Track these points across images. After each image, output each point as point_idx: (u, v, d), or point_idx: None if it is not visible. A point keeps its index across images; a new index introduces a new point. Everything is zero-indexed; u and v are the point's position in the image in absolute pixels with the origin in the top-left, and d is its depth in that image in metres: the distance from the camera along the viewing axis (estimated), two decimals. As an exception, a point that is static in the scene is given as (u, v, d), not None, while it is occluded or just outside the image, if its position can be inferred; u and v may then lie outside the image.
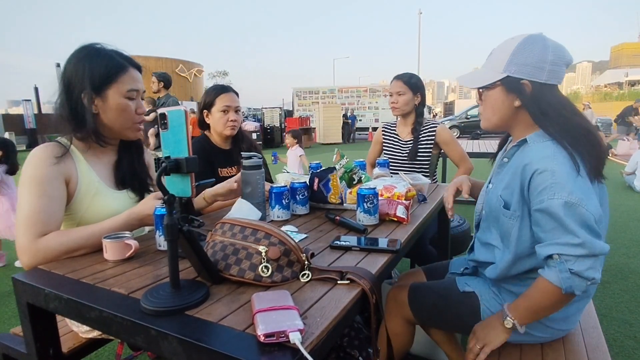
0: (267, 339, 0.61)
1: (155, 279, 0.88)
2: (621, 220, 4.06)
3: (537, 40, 1.04)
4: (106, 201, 1.19)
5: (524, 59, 1.04)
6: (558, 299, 0.97)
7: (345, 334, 1.63)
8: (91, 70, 1.12)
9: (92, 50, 1.16)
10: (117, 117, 1.17)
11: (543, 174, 0.98)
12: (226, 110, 1.87)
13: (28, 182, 1.06)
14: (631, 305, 2.30)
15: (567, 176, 0.96)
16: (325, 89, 20.39)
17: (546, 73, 1.03)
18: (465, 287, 1.22)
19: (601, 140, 1.06)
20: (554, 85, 1.05)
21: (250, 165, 1.29)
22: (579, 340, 1.16)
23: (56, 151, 1.12)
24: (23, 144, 17.28)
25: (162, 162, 0.74)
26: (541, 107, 1.05)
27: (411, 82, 2.27)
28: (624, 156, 8.52)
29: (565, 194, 0.94)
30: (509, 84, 1.07)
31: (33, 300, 0.89)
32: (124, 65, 1.17)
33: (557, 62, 1.03)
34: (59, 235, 1.04)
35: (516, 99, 1.07)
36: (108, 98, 1.14)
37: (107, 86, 1.14)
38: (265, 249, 0.83)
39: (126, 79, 1.16)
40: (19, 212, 1.04)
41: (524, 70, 1.04)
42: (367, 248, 1.04)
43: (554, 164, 0.98)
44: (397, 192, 1.43)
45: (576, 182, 0.96)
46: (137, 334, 0.72)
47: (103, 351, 1.90)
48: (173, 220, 0.73)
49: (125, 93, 1.16)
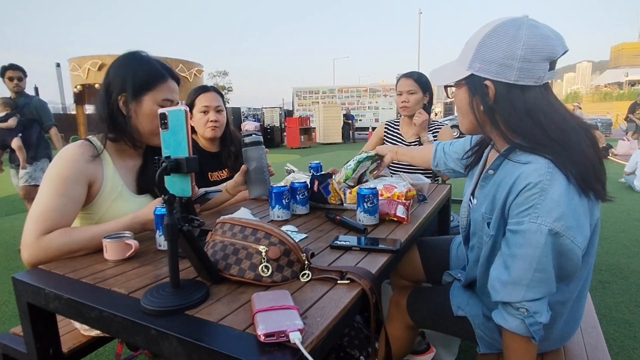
0: (267, 339, 0.61)
1: (155, 278, 0.88)
2: (621, 220, 4.06)
3: (508, 29, 0.85)
4: (126, 205, 1.20)
5: (489, 55, 0.86)
6: (533, 348, 0.91)
7: (346, 333, 1.63)
8: (134, 74, 1.18)
9: (138, 56, 1.22)
10: (148, 122, 1.21)
11: (532, 190, 0.83)
12: (206, 110, 1.83)
13: (53, 179, 1.08)
14: (631, 305, 2.30)
15: (560, 197, 0.81)
16: (325, 89, 20.39)
17: (515, 72, 0.85)
18: (458, 312, 1.16)
19: (599, 154, 0.90)
20: (528, 87, 0.87)
21: (251, 141, 1.35)
22: (578, 340, 1.16)
23: (88, 152, 1.16)
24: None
25: (162, 161, 0.74)
26: (513, 113, 0.88)
27: (421, 80, 2.23)
28: (624, 156, 8.52)
29: (550, 220, 0.80)
30: (473, 84, 0.91)
31: (33, 299, 0.89)
32: (165, 75, 1.22)
33: (529, 58, 0.84)
34: (62, 234, 1.04)
35: (480, 103, 0.91)
36: (143, 103, 1.19)
37: (145, 92, 1.19)
38: (265, 249, 0.83)
39: (164, 88, 1.21)
40: (35, 206, 1.06)
41: (488, 69, 0.87)
42: (367, 248, 1.04)
43: (548, 179, 0.82)
44: (397, 192, 1.42)
45: (570, 205, 0.81)
46: (137, 334, 0.72)
47: (103, 351, 1.90)
48: (173, 220, 0.73)
49: (160, 102, 1.20)
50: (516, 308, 0.88)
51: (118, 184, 1.21)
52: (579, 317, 1.08)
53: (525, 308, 0.87)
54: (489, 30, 0.88)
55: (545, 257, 0.83)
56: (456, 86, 0.97)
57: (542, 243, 0.82)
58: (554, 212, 0.81)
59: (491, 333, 1.09)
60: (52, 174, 1.09)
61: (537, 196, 0.82)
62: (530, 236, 0.83)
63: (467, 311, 1.15)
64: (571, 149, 0.85)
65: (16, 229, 4.20)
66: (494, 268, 0.94)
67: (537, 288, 0.86)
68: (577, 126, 0.89)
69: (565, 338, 1.09)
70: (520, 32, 0.84)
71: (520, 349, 0.92)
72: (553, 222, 0.80)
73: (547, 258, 0.83)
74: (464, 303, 1.16)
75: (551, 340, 1.06)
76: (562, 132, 0.87)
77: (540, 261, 0.84)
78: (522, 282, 0.86)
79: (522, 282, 0.86)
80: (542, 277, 0.85)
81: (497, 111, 0.90)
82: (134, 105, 1.19)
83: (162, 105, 1.20)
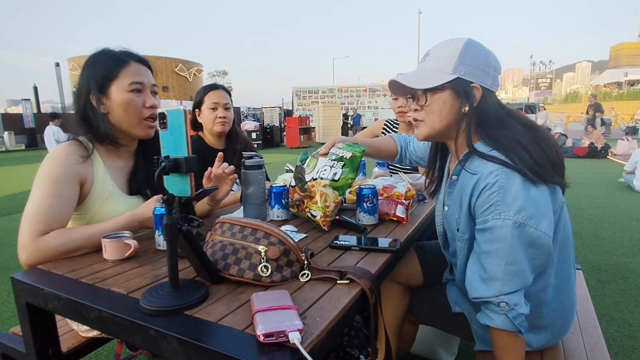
0: (266, 339, 0.61)
1: (155, 278, 0.88)
2: (620, 219, 4.07)
3: (478, 44, 0.99)
4: (117, 205, 1.19)
5: (473, 61, 0.96)
6: (520, 342, 0.95)
7: (345, 333, 1.63)
8: (94, 71, 1.16)
9: (96, 53, 1.19)
10: (123, 113, 1.17)
11: (491, 189, 0.90)
12: (215, 107, 1.89)
13: (44, 179, 1.07)
14: (630, 305, 2.30)
15: (517, 192, 0.88)
16: (324, 89, 20.40)
17: (490, 78, 0.97)
18: (455, 308, 1.20)
19: (553, 141, 0.99)
20: (493, 92, 1.00)
21: (252, 165, 1.28)
22: (578, 340, 1.16)
23: (78, 151, 1.14)
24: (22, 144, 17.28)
25: (161, 161, 0.73)
26: (488, 114, 0.98)
27: None
28: (623, 156, 8.54)
29: (511, 213, 0.87)
30: (459, 86, 0.97)
31: (32, 300, 0.89)
32: (124, 60, 1.18)
33: (497, 68, 0.99)
34: (60, 234, 1.03)
35: (465, 104, 0.97)
36: (111, 95, 1.16)
37: (109, 83, 1.15)
38: (264, 249, 0.83)
39: (127, 72, 1.17)
40: (28, 208, 1.05)
41: (474, 73, 0.96)
42: (366, 248, 1.04)
43: (503, 177, 0.89)
44: (397, 191, 1.42)
45: (528, 196, 0.88)
46: (136, 334, 0.72)
47: (102, 351, 1.90)
48: (172, 220, 0.73)
49: (127, 87, 1.16)
50: (496, 304, 0.93)
51: (109, 185, 1.19)
52: (571, 306, 1.09)
53: (504, 302, 0.92)
54: (465, 42, 0.98)
55: (514, 248, 0.89)
56: (438, 90, 0.98)
57: (509, 236, 0.88)
58: (514, 206, 0.88)
59: (485, 331, 1.09)
60: (43, 174, 1.07)
61: (496, 194, 0.90)
62: (497, 231, 0.90)
63: (463, 307, 1.18)
64: (521, 143, 0.93)
65: (16, 229, 4.19)
66: (469, 267, 1.00)
67: (512, 281, 0.91)
68: (526, 123, 1.00)
69: (562, 330, 1.10)
70: (487, 47, 0.99)
71: (509, 345, 0.96)
72: (514, 214, 0.87)
73: (516, 250, 0.89)
74: (460, 300, 1.20)
75: (547, 331, 1.06)
76: (528, 126, 0.98)
77: (510, 253, 0.90)
78: (497, 277, 0.92)
79: (497, 277, 0.92)
80: (515, 269, 0.91)
81: (479, 112, 0.98)
82: (105, 99, 1.16)
83: (133, 89, 1.17)
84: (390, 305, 1.36)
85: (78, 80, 1.19)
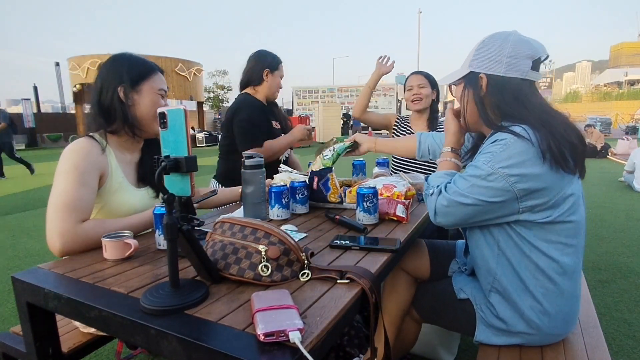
0: (266, 338, 0.61)
1: (155, 278, 0.88)
2: (620, 219, 4.07)
3: (499, 36, 1.06)
4: (126, 196, 1.27)
5: (484, 54, 1.06)
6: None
7: (345, 332, 1.63)
8: (130, 67, 1.26)
9: (128, 54, 1.31)
10: (149, 110, 1.28)
11: (496, 143, 0.98)
12: (282, 78, 2.24)
13: (71, 170, 1.12)
14: (630, 305, 2.30)
15: (516, 154, 0.94)
16: (324, 88, 20.39)
17: (504, 66, 1.03)
18: (460, 294, 1.22)
19: (577, 129, 1.02)
20: (514, 78, 1.03)
21: (252, 164, 1.29)
22: (578, 340, 1.16)
23: (97, 145, 1.21)
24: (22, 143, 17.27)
25: (161, 161, 0.74)
26: (503, 98, 1.04)
27: (430, 78, 2.35)
28: (623, 155, 8.54)
29: (498, 166, 0.95)
30: (470, 79, 1.09)
31: (32, 299, 0.89)
32: (155, 67, 1.33)
33: (515, 55, 1.02)
34: (97, 224, 1.10)
35: (475, 94, 1.09)
36: (143, 92, 1.27)
37: (142, 82, 1.27)
38: (264, 248, 0.83)
39: (157, 79, 1.31)
40: (58, 197, 1.08)
41: (483, 65, 1.06)
42: (366, 247, 1.04)
43: (512, 141, 0.96)
44: (397, 191, 1.42)
45: (524, 163, 0.94)
46: (136, 333, 0.72)
47: (103, 350, 1.90)
48: (172, 220, 0.73)
49: (157, 90, 1.30)
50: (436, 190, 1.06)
51: (119, 177, 1.26)
52: (575, 297, 1.09)
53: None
54: (483, 38, 1.09)
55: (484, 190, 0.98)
56: (457, 84, 1.15)
57: (485, 174, 0.97)
58: (504, 162, 0.95)
59: (490, 313, 1.14)
60: (68, 166, 1.13)
61: (497, 147, 0.97)
62: (478, 165, 0.99)
63: (468, 293, 1.20)
64: (552, 126, 0.97)
65: (15, 229, 4.19)
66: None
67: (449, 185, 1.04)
68: (561, 116, 1.03)
69: (568, 321, 1.10)
70: (509, 37, 1.05)
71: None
72: (499, 168, 0.95)
73: (479, 190, 0.98)
74: (466, 286, 1.23)
75: (551, 317, 1.06)
76: (546, 113, 1.01)
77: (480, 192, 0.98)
78: (456, 188, 1.02)
79: (457, 188, 1.02)
80: (470, 200, 0.99)
81: (487, 99, 1.07)
82: (134, 94, 1.26)
83: (159, 94, 1.30)
84: (396, 293, 1.38)
85: (101, 73, 1.27)
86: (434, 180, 1.12)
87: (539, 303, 1.05)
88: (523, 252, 1.04)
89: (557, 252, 1.03)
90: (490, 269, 1.11)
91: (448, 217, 1.04)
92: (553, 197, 0.98)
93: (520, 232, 1.03)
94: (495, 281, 1.11)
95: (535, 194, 0.97)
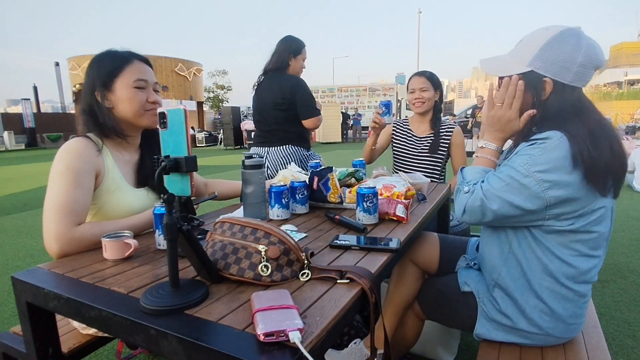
0: (266, 338, 0.61)
1: (155, 278, 0.88)
2: (620, 219, 4.06)
3: (571, 37, 0.98)
4: (124, 197, 1.24)
5: (552, 56, 0.98)
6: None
7: (345, 332, 1.64)
8: (99, 68, 1.23)
9: (101, 53, 1.27)
10: (128, 106, 1.23)
11: (537, 144, 0.95)
12: (304, 60, 2.54)
13: (65, 172, 1.10)
14: (630, 305, 2.30)
15: (554, 159, 0.92)
16: (324, 88, 20.39)
17: (572, 74, 0.97)
18: (464, 287, 1.22)
19: (623, 154, 0.99)
20: (577, 88, 1.00)
21: (252, 164, 1.29)
22: (578, 340, 1.16)
23: (92, 145, 1.19)
24: (22, 143, 17.28)
25: (161, 161, 0.74)
26: (560, 108, 0.99)
27: (433, 78, 2.30)
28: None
29: (533, 170, 0.93)
30: (530, 79, 1.02)
31: (32, 299, 0.89)
32: (128, 58, 1.24)
33: (586, 65, 0.97)
34: (93, 226, 1.09)
35: (534, 96, 1.02)
36: (116, 90, 1.22)
37: (113, 79, 1.22)
38: (264, 248, 0.83)
39: (132, 70, 1.23)
40: (52, 200, 1.07)
41: (550, 69, 0.99)
42: (366, 247, 1.04)
43: (555, 142, 0.93)
44: (397, 191, 1.42)
45: (558, 170, 0.92)
46: (136, 333, 0.72)
47: (103, 350, 1.90)
48: (172, 220, 0.73)
49: (132, 83, 1.23)
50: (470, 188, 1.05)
51: (117, 177, 1.24)
52: (584, 304, 1.09)
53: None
54: (552, 35, 0.98)
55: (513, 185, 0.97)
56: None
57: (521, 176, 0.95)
58: (541, 166, 0.93)
59: (493, 307, 1.14)
60: (63, 167, 1.11)
61: (536, 151, 0.95)
62: (514, 166, 0.97)
63: (472, 286, 1.20)
64: (601, 150, 0.93)
65: (15, 229, 4.19)
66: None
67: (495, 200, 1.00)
68: (611, 131, 0.99)
69: (572, 324, 1.09)
70: (581, 42, 0.97)
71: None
72: (535, 172, 0.94)
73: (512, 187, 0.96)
74: (470, 279, 1.23)
75: (555, 317, 1.06)
76: (600, 130, 0.96)
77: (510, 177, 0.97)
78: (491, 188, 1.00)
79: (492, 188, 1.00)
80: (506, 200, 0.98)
81: (547, 105, 1.01)
82: (111, 95, 1.23)
83: (137, 86, 1.23)
84: (402, 284, 1.39)
85: (84, 79, 1.25)
86: (470, 174, 1.09)
87: (544, 303, 1.05)
88: (535, 254, 1.03)
89: (572, 257, 1.02)
90: (495, 266, 1.11)
91: (476, 216, 1.02)
92: (582, 207, 0.96)
93: (537, 235, 1.02)
94: (499, 277, 1.11)
95: (565, 203, 0.95)
